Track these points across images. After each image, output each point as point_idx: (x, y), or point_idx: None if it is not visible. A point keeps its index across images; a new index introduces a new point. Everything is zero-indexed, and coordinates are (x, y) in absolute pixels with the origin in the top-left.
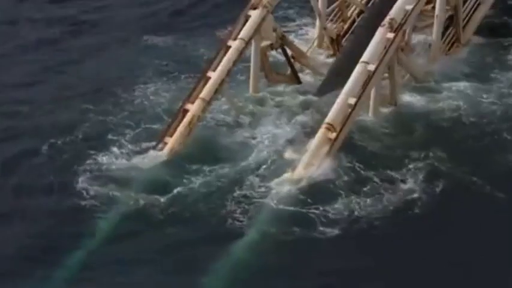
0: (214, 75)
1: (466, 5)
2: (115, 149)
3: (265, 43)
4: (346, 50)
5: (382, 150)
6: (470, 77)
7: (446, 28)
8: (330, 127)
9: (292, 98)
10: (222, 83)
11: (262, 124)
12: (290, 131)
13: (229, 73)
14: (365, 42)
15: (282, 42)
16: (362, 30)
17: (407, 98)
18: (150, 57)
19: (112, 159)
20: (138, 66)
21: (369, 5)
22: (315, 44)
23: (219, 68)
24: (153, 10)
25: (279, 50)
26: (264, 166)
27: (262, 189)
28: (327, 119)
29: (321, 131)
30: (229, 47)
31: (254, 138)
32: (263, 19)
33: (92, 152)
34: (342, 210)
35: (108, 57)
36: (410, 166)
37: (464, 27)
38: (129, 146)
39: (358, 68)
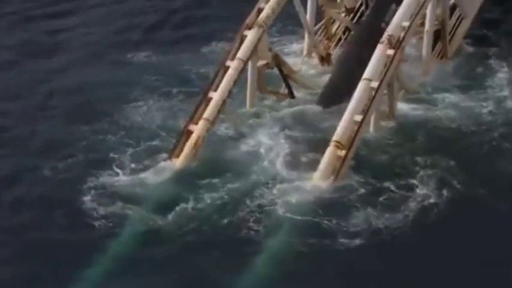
0: (216, 96)
1: (450, 20)
2: (118, 167)
3: (261, 62)
4: (341, 63)
5: (389, 161)
6: (460, 87)
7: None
8: (339, 145)
9: (288, 110)
10: (224, 103)
11: (262, 136)
12: (290, 142)
13: (230, 93)
14: (358, 56)
15: (276, 61)
16: (353, 45)
17: (404, 110)
18: (136, 74)
19: (116, 177)
20: (125, 84)
21: (356, 21)
22: (304, 59)
23: (220, 88)
24: (131, 25)
25: None
26: (273, 178)
27: (276, 200)
28: (335, 137)
29: (330, 149)
30: (228, 67)
31: (257, 150)
32: (259, 39)
33: (95, 171)
34: (360, 221)
35: (96, 76)
36: (420, 174)
37: (449, 41)
38: (132, 164)
39: (361, 86)
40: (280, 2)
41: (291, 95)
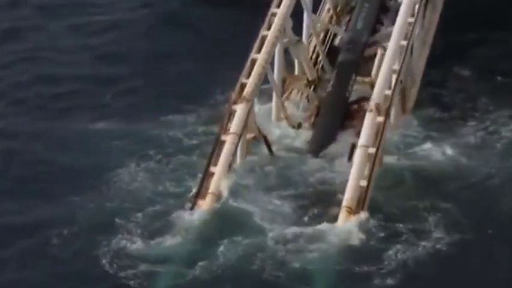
0: (217, 170)
1: None
2: (128, 231)
3: (249, 135)
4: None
5: (392, 208)
6: (429, 136)
7: None
8: (350, 210)
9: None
10: (225, 176)
11: (259, 196)
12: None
13: (230, 167)
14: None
15: (263, 134)
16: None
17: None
18: (105, 143)
19: (129, 241)
20: (98, 154)
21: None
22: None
23: (220, 163)
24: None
25: None
26: (287, 232)
27: (297, 253)
28: (345, 203)
29: (343, 215)
30: (224, 141)
31: (258, 209)
32: (248, 113)
33: (104, 237)
34: (387, 262)
35: (74, 147)
36: (428, 217)
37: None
38: (139, 228)
39: (359, 153)
40: (260, 75)
41: (271, 153)
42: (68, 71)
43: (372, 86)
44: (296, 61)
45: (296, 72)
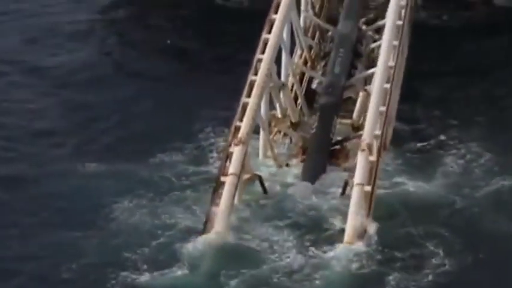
0: (220, 210)
1: None
2: (135, 264)
3: (246, 176)
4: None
5: (389, 236)
6: (410, 170)
7: None
8: (351, 243)
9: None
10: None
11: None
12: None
13: (232, 207)
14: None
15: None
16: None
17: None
18: (98, 184)
19: (138, 273)
20: (93, 193)
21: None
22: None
23: (223, 202)
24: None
25: None
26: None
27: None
28: (347, 238)
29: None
30: (223, 182)
31: (261, 241)
32: (245, 155)
33: (112, 270)
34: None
35: (63, 188)
36: (424, 243)
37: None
38: (145, 263)
39: (356, 191)
40: (253, 119)
41: (264, 189)
42: (52, 111)
43: (353, 127)
44: (278, 104)
45: (279, 114)
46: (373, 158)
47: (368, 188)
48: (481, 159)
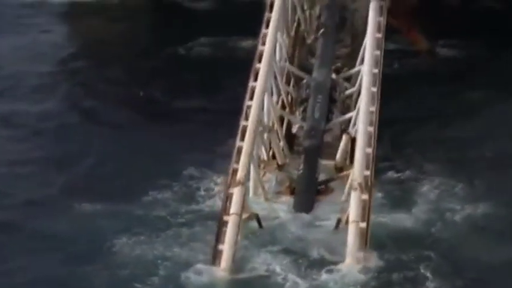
0: (226, 248)
1: None
2: None
3: (245, 215)
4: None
5: (383, 261)
6: (394, 200)
7: None
8: None
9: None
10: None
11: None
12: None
13: (236, 245)
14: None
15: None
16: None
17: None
18: (92, 223)
19: None
20: (90, 231)
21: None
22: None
23: (227, 240)
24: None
25: None
26: None
27: None
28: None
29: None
30: (226, 221)
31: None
32: (244, 195)
33: None
34: None
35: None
36: (418, 267)
37: None
38: None
39: (352, 228)
40: (249, 161)
41: (260, 225)
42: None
43: (336, 167)
44: (263, 147)
45: (265, 157)
46: (365, 196)
47: (363, 225)
48: (456, 190)
